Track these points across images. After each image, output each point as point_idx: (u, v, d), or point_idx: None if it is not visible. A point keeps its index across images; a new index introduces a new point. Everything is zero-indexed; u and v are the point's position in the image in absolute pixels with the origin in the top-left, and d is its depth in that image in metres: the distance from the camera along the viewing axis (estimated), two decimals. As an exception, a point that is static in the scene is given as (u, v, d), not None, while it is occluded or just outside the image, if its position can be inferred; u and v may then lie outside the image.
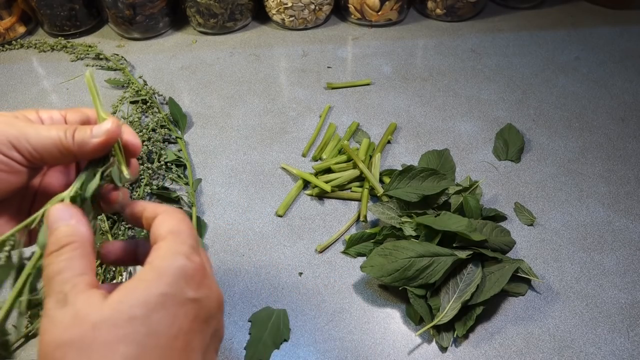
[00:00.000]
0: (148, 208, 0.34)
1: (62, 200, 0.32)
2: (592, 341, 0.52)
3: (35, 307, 0.31)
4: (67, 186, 0.37)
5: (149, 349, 0.26)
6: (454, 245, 0.54)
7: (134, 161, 0.37)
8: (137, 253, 0.36)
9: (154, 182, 0.66)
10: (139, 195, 0.64)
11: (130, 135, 0.36)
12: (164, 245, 0.30)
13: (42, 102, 0.82)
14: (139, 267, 0.59)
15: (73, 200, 0.33)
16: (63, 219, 0.30)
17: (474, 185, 0.64)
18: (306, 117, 0.77)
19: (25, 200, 0.38)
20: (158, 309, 0.27)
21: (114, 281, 0.57)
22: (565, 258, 0.59)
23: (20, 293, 0.31)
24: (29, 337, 0.53)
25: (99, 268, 0.57)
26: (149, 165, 0.67)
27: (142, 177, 0.66)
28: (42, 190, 0.39)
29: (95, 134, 0.33)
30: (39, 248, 0.31)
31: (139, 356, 0.26)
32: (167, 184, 0.68)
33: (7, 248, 0.31)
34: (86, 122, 0.37)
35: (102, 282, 0.56)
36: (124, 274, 0.57)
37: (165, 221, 0.32)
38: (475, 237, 0.53)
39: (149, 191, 0.65)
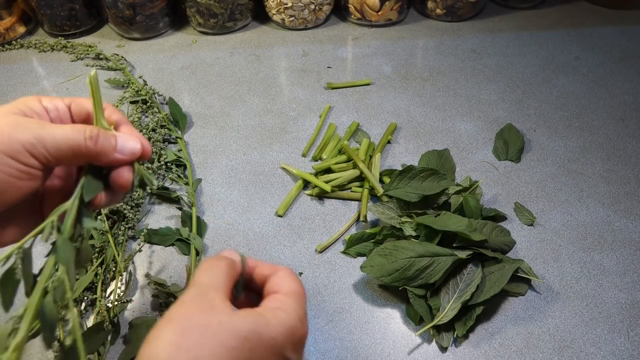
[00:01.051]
0: (261, 264, 0.37)
1: (66, 211, 0.33)
2: (592, 341, 0.52)
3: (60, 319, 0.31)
4: (68, 178, 0.37)
5: None
6: (454, 245, 0.54)
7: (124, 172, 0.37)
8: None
9: (154, 182, 0.66)
10: (139, 195, 0.64)
11: (144, 142, 0.37)
12: (288, 301, 0.33)
13: (42, 102, 0.82)
14: (138, 269, 0.59)
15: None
16: (230, 254, 0.36)
17: (474, 185, 0.64)
18: (306, 117, 0.77)
19: (37, 196, 0.38)
20: (261, 347, 0.30)
21: (114, 281, 0.57)
22: (565, 258, 0.59)
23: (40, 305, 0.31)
24: (29, 337, 0.53)
25: (99, 268, 0.57)
26: (149, 165, 0.67)
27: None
28: (49, 185, 0.39)
29: (120, 150, 0.35)
30: (61, 264, 0.32)
31: None
32: (167, 184, 0.68)
33: (18, 256, 0.31)
34: (90, 118, 0.37)
35: (102, 282, 0.56)
36: (124, 273, 0.57)
37: (288, 279, 0.35)
38: (475, 237, 0.53)
39: (149, 191, 0.65)
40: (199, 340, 0.28)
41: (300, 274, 0.58)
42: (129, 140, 0.35)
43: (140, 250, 0.60)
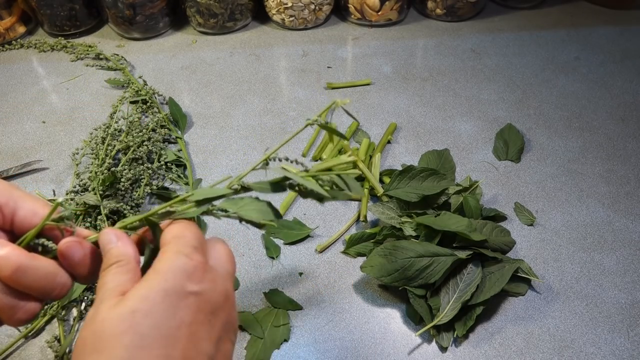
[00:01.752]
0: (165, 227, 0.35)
1: None
2: (592, 341, 0.52)
3: None
4: None
5: (150, 338, 0.28)
6: (454, 245, 0.54)
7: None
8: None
9: (154, 182, 0.66)
10: (139, 195, 0.64)
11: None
12: (167, 249, 0.32)
13: (42, 102, 0.82)
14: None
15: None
16: (112, 242, 0.33)
17: (474, 185, 0.64)
18: (306, 117, 0.77)
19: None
20: (158, 303, 0.29)
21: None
22: (565, 258, 0.59)
23: None
24: (28, 337, 0.53)
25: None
26: (149, 165, 0.67)
27: (142, 177, 0.66)
28: None
29: None
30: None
31: (142, 345, 0.28)
32: (167, 184, 0.68)
33: None
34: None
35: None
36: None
37: (170, 229, 0.34)
38: (475, 237, 0.53)
39: (149, 191, 0.65)
40: (91, 347, 0.28)
41: (301, 274, 0.58)
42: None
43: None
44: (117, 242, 0.33)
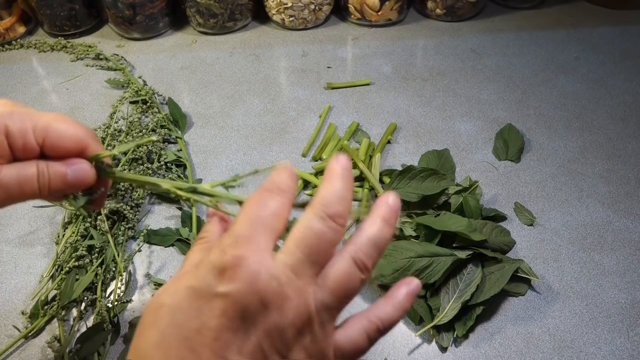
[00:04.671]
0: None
1: None
2: (592, 341, 0.52)
3: None
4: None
5: (169, 338, 0.26)
6: (454, 245, 0.54)
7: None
8: None
9: (154, 182, 0.66)
10: (139, 195, 0.64)
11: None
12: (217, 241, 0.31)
13: (42, 102, 0.82)
14: (138, 269, 0.59)
15: None
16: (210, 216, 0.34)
17: (474, 185, 0.64)
18: (306, 117, 0.77)
19: None
20: (183, 301, 0.27)
21: (114, 281, 0.57)
22: (565, 258, 0.59)
23: None
24: (28, 337, 0.53)
25: (99, 268, 0.57)
26: (149, 165, 0.67)
27: (142, 177, 0.66)
28: None
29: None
30: None
31: (161, 343, 0.26)
32: (167, 184, 0.67)
33: None
34: (75, 152, 0.34)
35: (102, 282, 0.56)
36: (124, 274, 0.57)
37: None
38: (475, 237, 0.53)
39: (149, 191, 0.65)
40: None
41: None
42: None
43: (140, 251, 0.60)
44: (209, 218, 0.34)
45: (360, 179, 0.67)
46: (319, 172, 0.67)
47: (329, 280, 0.28)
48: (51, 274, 0.58)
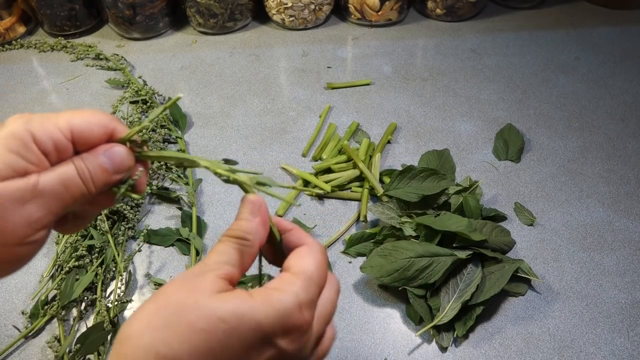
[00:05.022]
0: (296, 230, 0.34)
1: None
2: (592, 341, 0.52)
3: None
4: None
5: (210, 356, 0.26)
6: (454, 245, 0.54)
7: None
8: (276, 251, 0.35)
9: (154, 182, 0.66)
10: (139, 195, 0.64)
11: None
12: (288, 280, 0.29)
13: (42, 102, 0.82)
14: (138, 269, 0.59)
15: None
16: (253, 213, 0.32)
17: (474, 185, 0.64)
18: (306, 117, 0.77)
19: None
20: (240, 331, 0.27)
21: (114, 281, 0.57)
22: (565, 258, 0.59)
23: None
24: (28, 337, 0.53)
25: (99, 268, 0.57)
26: (149, 165, 0.67)
27: (142, 177, 0.66)
28: None
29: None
30: None
31: (201, 356, 0.26)
32: (167, 184, 0.68)
33: None
34: (105, 139, 0.32)
35: (102, 282, 0.56)
36: (124, 273, 0.57)
37: (303, 256, 0.31)
38: (475, 237, 0.53)
39: (149, 191, 0.65)
40: (169, 320, 0.26)
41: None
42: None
43: (140, 251, 0.60)
44: (255, 218, 0.31)
45: (360, 179, 0.67)
46: (319, 172, 0.67)
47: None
48: (51, 273, 0.58)
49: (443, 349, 0.51)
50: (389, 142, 0.73)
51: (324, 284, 0.31)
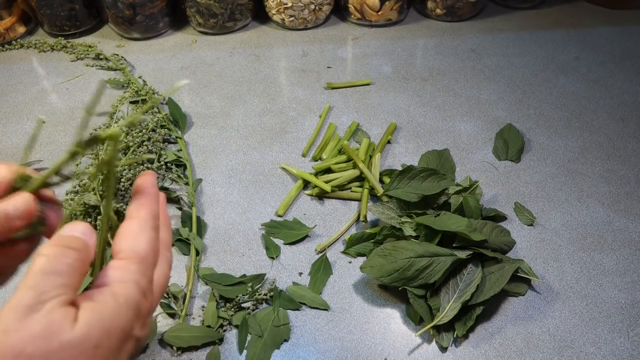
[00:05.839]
0: (139, 198, 0.32)
1: None
2: (592, 341, 0.52)
3: None
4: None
5: None
6: (454, 245, 0.54)
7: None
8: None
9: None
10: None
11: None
12: (124, 269, 0.29)
13: (42, 102, 0.82)
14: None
15: None
16: (83, 232, 0.29)
17: (474, 185, 0.64)
18: (306, 117, 0.77)
19: None
20: (114, 342, 0.27)
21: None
22: (565, 258, 0.59)
23: None
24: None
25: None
26: (149, 165, 0.67)
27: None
28: None
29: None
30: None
31: None
32: (167, 184, 0.68)
33: None
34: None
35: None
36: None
37: (133, 236, 0.30)
38: (475, 237, 0.53)
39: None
40: None
41: (300, 274, 0.58)
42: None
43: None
44: (87, 235, 0.29)
45: (360, 179, 0.67)
46: (319, 172, 0.67)
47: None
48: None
49: (443, 349, 0.51)
50: (389, 142, 0.73)
51: (156, 261, 0.31)
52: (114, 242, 0.30)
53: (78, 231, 0.29)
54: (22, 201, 0.30)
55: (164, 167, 0.68)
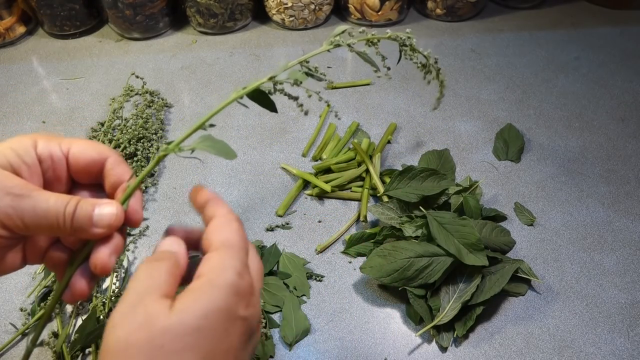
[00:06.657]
0: (210, 204, 0.34)
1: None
2: (592, 341, 0.52)
3: None
4: None
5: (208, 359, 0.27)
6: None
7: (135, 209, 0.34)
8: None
9: (149, 180, 0.66)
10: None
11: (135, 206, 0.34)
12: (217, 258, 0.30)
13: (42, 102, 0.82)
14: (133, 265, 0.59)
15: None
16: (171, 245, 0.32)
17: (474, 185, 0.64)
18: (306, 117, 0.77)
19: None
20: (216, 323, 0.28)
21: (109, 277, 0.57)
22: (565, 258, 0.59)
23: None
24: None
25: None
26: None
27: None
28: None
29: (97, 223, 0.31)
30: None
31: None
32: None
33: None
34: (98, 163, 0.34)
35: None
36: (119, 269, 0.57)
37: (218, 230, 0.32)
38: (476, 261, 0.52)
39: (146, 189, 0.65)
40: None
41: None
42: (105, 210, 0.31)
43: (136, 247, 0.60)
44: (175, 246, 0.32)
45: (361, 179, 0.67)
46: (319, 172, 0.67)
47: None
48: (44, 269, 0.58)
49: (443, 349, 0.51)
50: (389, 142, 0.73)
51: (247, 247, 0.32)
52: (203, 240, 0.32)
53: (167, 245, 0.32)
54: (111, 212, 0.32)
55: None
